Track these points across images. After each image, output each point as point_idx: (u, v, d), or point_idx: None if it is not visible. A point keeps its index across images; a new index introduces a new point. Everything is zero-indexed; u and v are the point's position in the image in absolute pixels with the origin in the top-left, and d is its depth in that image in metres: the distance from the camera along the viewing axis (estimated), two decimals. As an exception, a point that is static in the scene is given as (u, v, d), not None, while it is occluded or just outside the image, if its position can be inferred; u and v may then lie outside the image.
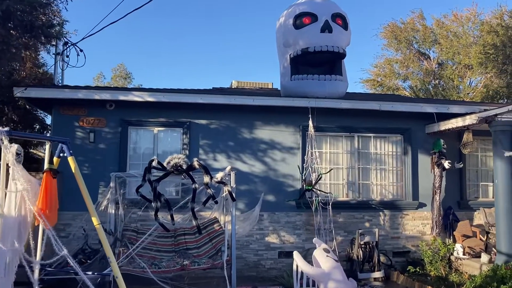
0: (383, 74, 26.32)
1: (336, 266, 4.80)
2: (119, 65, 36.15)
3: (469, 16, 22.05)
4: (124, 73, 36.64)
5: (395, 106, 9.18)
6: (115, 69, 36.17)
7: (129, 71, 35.93)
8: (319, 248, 5.02)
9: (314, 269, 4.81)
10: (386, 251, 9.27)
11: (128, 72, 36.19)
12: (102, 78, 35.54)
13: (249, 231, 8.76)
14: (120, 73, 36.65)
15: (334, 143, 9.59)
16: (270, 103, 8.94)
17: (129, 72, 36.00)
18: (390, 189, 9.69)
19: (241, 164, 9.11)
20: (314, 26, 9.10)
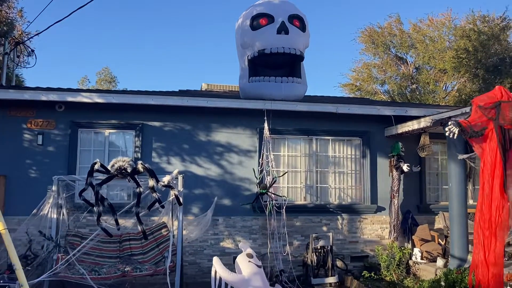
0: (361, 79, 26.37)
1: (257, 272, 4.63)
2: (104, 68, 35.90)
3: (444, 21, 22.19)
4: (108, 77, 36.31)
5: (352, 108, 9.07)
6: (99, 73, 35.87)
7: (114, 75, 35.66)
8: (242, 254, 4.85)
9: (233, 275, 4.64)
10: (344, 255, 9.14)
11: (113, 75, 35.90)
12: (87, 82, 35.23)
13: (202, 236, 8.58)
14: (105, 76, 36.32)
15: (292, 146, 9.46)
16: (224, 105, 8.78)
17: (114, 76, 35.73)
18: (349, 192, 9.58)
19: (196, 168, 8.92)
20: (271, 28, 8.98)
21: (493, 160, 4.48)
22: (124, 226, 7.79)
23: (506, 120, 4.44)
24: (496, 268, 4.34)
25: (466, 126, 4.62)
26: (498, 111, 4.45)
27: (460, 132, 4.72)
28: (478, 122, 4.58)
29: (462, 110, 8.14)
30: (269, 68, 9.34)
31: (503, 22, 20.20)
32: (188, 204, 8.75)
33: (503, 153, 4.50)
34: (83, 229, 8.07)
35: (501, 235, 4.40)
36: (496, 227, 4.38)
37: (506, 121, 4.45)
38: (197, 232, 8.32)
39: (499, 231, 4.39)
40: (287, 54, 8.87)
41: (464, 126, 4.63)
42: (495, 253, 4.34)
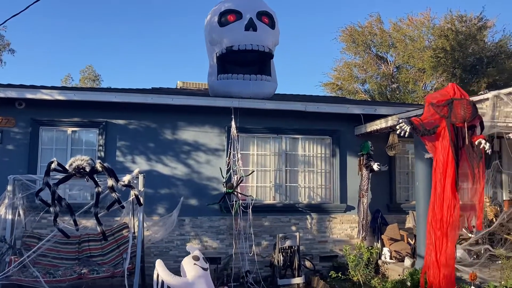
0: (342, 78, 26.37)
1: (202, 275, 4.49)
2: (88, 66, 35.46)
3: (423, 21, 22.27)
4: (92, 75, 35.82)
5: (320, 107, 8.97)
6: (83, 71, 35.39)
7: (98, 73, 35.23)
8: (188, 256, 4.71)
9: (176, 278, 4.49)
10: (313, 255, 9.04)
11: (97, 74, 35.46)
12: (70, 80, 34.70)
13: (167, 237, 8.42)
14: (89, 75, 35.83)
15: (262, 145, 9.32)
16: (190, 102, 8.61)
17: (98, 74, 35.29)
18: (318, 191, 9.47)
19: (162, 167, 8.73)
20: (239, 24, 8.83)
21: (445, 158, 4.40)
22: (84, 226, 7.58)
23: (458, 118, 4.36)
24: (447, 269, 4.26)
25: (418, 124, 4.53)
26: (451, 109, 4.37)
27: (411, 130, 4.63)
28: (430, 120, 4.49)
29: (429, 108, 8.11)
30: (239, 66, 9.20)
31: (480, 22, 20.34)
32: (153, 204, 8.58)
33: (455, 152, 4.42)
34: (44, 230, 7.84)
35: (452, 235, 4.32)
36: (447, 227, 4.30)
37: (458, 119, 4.37)
38: (162, 232, 8.15)
39: (450, 231, 4.31)
40: (255, 51, 8.72)
41: (416, 124, 4.54)
42: (447, 253, 4.26)
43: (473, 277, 7.26)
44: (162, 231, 8.15)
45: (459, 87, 4.64)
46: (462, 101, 4.37)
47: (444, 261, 4.23)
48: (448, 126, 4.40)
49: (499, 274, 7.78)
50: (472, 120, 4.41)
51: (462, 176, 4.63)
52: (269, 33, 9.03)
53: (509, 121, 8.27)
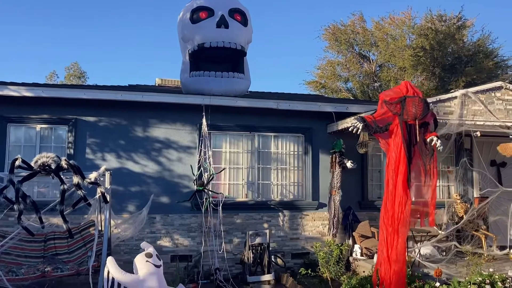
0: (326, 76, 26.46)
1: (154, 272, 4.48)
2: (73, 63, 34.99)
3: (404, 20, 22.43)
4: (78, 72, 35.42)
5: (292, 105, 8.99)
6: (68, 68, 35.00)
7: (83, 70, 34.85)
8: (141, 253, 4.69)
9: (126, 276, 4.47)
10: (284, 252, 9.08)
11: (83, 71, 35.10)
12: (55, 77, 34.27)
13: (138, 235, 8.37)
14: (74, 71, 35.41)
15: (234, 142, 9.32)
16: (161, 99, 8.57)
17: (84, 71, 34.93)
18: (291, 189, 9.51)
19: (133, 164, 8.68)
20: (210, 21, 8.82)
21: (398, 156, 4.44)
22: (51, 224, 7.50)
23: (410, 115, 4.40)
24: (398, 265, 4.30)
25: (371, 122, 4.56)
26: (403, 106, 4.41)
27: (364, 128, 4.66)
28: (384, 117, 4.53)
29: (398, 106, 8.18)
30: (212, 63, 9.19)
31: (459, 22, 20.56)
32: (124, 202, 8.53)
33: (408, 149, 4.47)
34: (10, 228, 7.73)
35: (403, 231, 4.37)
36: (398, 223, 4.35)
37: (409, 116, 4.41)
38: (131, 230, 8.11)
39: (401, 228, 4.36)
40: (227, 48, 8.72)
41: (369, 121, 4.58)
42: (397, 250, 4.30)
43: (438, 273, 7.36)
44: (131, 229, 8.12)
45: (412, 85, 4.69)
46: (414, 98, 4.41)
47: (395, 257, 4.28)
48: (400, 124, 4.44)
49: (465, 270, 7.90)
50: (423, 117, 4.45)
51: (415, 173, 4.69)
52: (242, 31, 9.02)
53: (477, 119, 8.41)
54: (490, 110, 8.41)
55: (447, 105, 8.26)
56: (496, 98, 8.53)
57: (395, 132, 4.46)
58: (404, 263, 4.33)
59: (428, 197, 4.73)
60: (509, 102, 8.53)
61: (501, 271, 7.70)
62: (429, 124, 4.65)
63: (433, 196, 4.73)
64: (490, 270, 7.54)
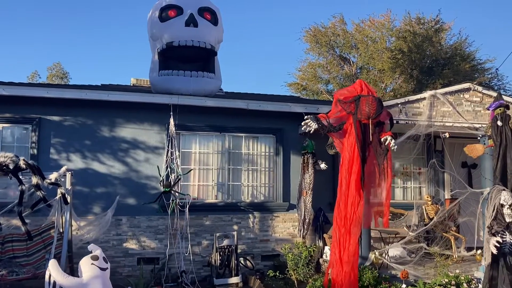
0: (307, 78, 26.47)
1: (98, 275, 4.33)
2: (55, 64, 34.44)
3: (384, 22, 22.56)
4: (60, 72, 34.88)
5: (263, 105, 8.90)
6: (51, 68, 34.46)
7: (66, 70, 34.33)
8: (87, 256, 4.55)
9: (69, 279, 4.32)
10: (254, 254, 8.97)
11: (65, 71, 34.59)
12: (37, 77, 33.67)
13: (103, 237, 8.20)
14: (57, 72, 34.86)
15: (204, 143, 9.18)
16: (127, 99, 8.40)
17: (66, 71, 34.42)
18: (262, 190, 9.41)
19: (98, 165, 8.48)
20: (179, 20, 8.68)
21: (351, 155, 4.37)
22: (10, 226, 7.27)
23: (363, 114, 4.34)
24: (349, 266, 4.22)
25: (325, 121, 4.49)
26: (357, 105, 4.34)
27: (318, 127, 4.59)
28: (338, 116, 4.47)
29: (366, 107, 8.15)
30: (181, 62, 9.03)
31: (437, 25, 20.74)
32: (89, 203, 8.34)
33: (362, 149, 4.40)
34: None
35: (355, 232, 4.29)
36: (351, 224, 4.27)
37: (363, 116, 4.35)
38: (95, 232, 7.92)
39: (353, 228, 4.29)
40: (196, 47, 8.59)
41: (322, 120, 4.51)
42: (349, 251, 4.22)
43: (404, 275, 7.33)
44: (95, 230, 7.92)
45: (367, 84, 4.63)
46: (368, 97, 4.34)
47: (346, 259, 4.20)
48: (354, 123, 4.37)
49: (433, 272, 7.90)
50: (377, 116, 4.39)
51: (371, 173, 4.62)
52: (211, 30, 8.90)
53: (446, 120, 8.43)
54: (459, 111, 8.43)
55: (415, 106, 8.26)
56: (464, 99, 8.56)
57: (349, 132, 4.40)
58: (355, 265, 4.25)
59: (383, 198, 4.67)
60: (477, 103, 8.56)
61: (467, 272, 7.72)
62: (384, 123, 4.59)
63: (387, 197, 4.66)
64: (456, 272, 7.55)
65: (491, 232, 4.99)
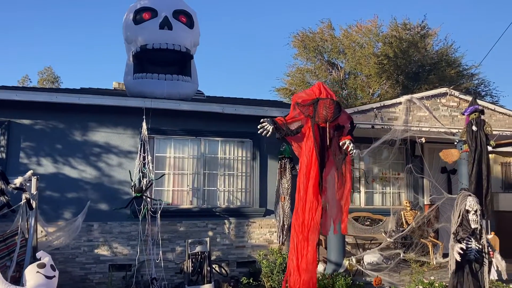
0: (296, 83, 26.42)
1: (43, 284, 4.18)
2: (46, 68, 34.25)
3: (371, 28, 22.59)
4: (51, 77, 34.65)
5: (238, 109, 8.78)
6: (41, 72, 34.27)
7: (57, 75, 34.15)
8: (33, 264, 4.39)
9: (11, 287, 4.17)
10: (229, 261, 8.81)
11: (56, 75, 34.40)
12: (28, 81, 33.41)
13: (74, 243, 8.03)
14: (48, 76, 34.63)
15: (180, 147, 9.04)
16: (99, 102, 8.25)
17: (57, 75, 34.22)
18: (238, 195, 9.27)
19: (70, 169, 8.30)
20: (153, 22, 8.56)
21: (309, 160, 4.26)
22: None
23: (321, 117, 4.23)
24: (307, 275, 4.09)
25: (282, 124, 4.38)
26: (315, 108, 4.24)
27: (274, 130, 4.48)
28: (296, 119, 4.36)
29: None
30: (157, 65, 8.91)
31: (423, 30, 20.79)
32: (59, 209, 8.16)
33: (320, 153, 4.29)
34: None
35: (312, 238, 4.17)
36: (308, 230, 4.15)
37: (320, 119, 4.24)
38: (64, 238, 7.74)
39: (311, 235, 4.16)
40: (170, 50, 8.48)
41: (280, 123, 4.40)
42: (307, 258, 4.09)
43: (377, 282, 7.23)
44: (65, 236, 7.74)
45: (326, 87, 4.53)
46: (326, 100, 4.24)
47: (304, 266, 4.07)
48: (312, 127, 4.27)
49: (408, 278, 7.80)
50: (334, 120, 4.29)
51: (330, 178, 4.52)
52: (187, 33, 8.79)
53: (422, 125, 8.36)
54: (435, 116, 8.36)
55: (391, 110, 8.19)
56: (441, 104, 8.50)
57: (307, 135, 4.29)
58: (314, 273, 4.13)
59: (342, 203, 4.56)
60: (454, 108, 8.50)
61: (443, 279, 7.63)
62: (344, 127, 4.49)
63: (346, 202, 4.55)
64: (431, 278, 7.46)
65: (456, 239, 4.89)
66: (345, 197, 4.51)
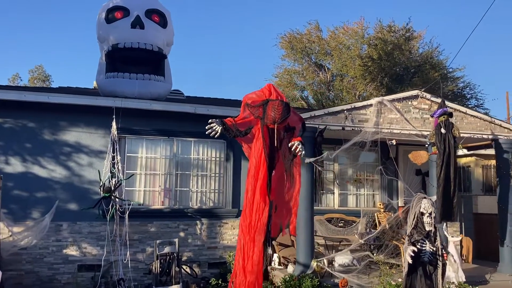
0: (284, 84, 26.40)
1: None
2: (37, 66, 34.01)
3: (357, 30, 22.62)
4: (42, 75, 34.43)
5: (211, 109, 8.75)
6: (32, 71, 34.04)
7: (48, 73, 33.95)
8: None
9: None
10: (200, 262, 8.79)
11: (47, 74, 34.19)
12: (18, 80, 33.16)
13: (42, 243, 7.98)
14: (39, 75, 34.42)
15: (152, 148, 8.99)
16: (69, 101, 8.20)
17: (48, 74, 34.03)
18: (211, 196, 9.24)
19: (39, 169, 8.24)
20: (125, 21, 8.54)
21: (258, 161, 4.24)
22: None
23: (269, 119, 4.22)
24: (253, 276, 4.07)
25: (231, 125, 4.36)
26: (265, 109, 4.22)
27: (223, 131, 4.46)
28: (246, 120, 4.34)
29: (311, 113, 8.07)
30: (130, 65, 8.87)
31: (408, 33, 20.85)
32: (28, 208, 8.10)
33: (270, 154, 4.28)
34: None
35: (259, 239, 4.15)
36: (255, 232, 4.14)
37: (268, 120, 4.23)
38: (32, 238, 7.69)
39: (257, 236, 4.15)
40: (142, 49, 8.44)
41: (229, 124, 4.37)
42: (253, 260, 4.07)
43: (343, 284, 7.21)
44: (32, 236, 7.69)
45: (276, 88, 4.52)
46: (275, 102, 4.23)
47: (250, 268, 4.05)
48: (262, 128, 4.26)
49: (377, 280, 7.78)
50: (282, 121, 4.27)
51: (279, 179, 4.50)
52: (159, 32, 8.75)
53: (393, 127, 8.36)
54: (407, 118, 8.38)
55: (362, 112, 8.19)
56: (413, 106, 8.51)
57: (257, 136, 4.27)
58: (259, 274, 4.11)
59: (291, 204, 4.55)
60: (425, 110, 8.52)
61: (411, 281, 7.61)
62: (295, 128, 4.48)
63: (295, 203, 4.54)
64: (399, 280, 7.45)
65: (411, 241, 4.89)
66: (294, 199, 4.50)
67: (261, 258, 3.95)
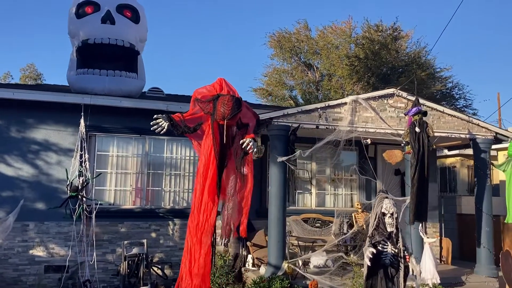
0: (273, 84, 26.24)
1: None
2: (29, 65, 33.65)
3: (345, 29, 22.49)
4: (34, 74, 34.08)
5: (184, 107, 8.51)
6: (24, 69, 33.68)
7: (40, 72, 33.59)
8: None
9: None
10: (172, 263, 8.58)
11: (39, 72, 33.86)
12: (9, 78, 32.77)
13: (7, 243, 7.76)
14: (30, 73, 34.06)
15: (123, 146, 8.79)
16: (36, 98, 8.00)
17: (40, 72, 33.69)
18: (185, 196, 9.05)
19: (5, 167, 8.03)
20: (95, 16, 8.34)
21: (207, 159, 4.07)
22: None
23: (218, 115, 4.04)
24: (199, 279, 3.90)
25: (179, 121, 4.18)
26: (215, 105, 4.05)
27: (170, 127, 4.27)
28: (195, 116, 4.16)
29: (284, 111, 7.90)
30: (102, 61, 8.65)
31: (395, 32, 20.74)
32: (-8, 208, 7.86)
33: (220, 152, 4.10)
34: None
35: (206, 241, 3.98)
36: (202, 233, 3.97)
37: (218, 116, 4.05)
38: (-6, 238, 7.45)
39: (204, 237, 3.98)
40: (112, 45, 8.24)
41: (176, 120, 4.19)
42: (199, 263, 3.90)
43: (313, 285, 7.05)
44: (-6, 236, 7.46)
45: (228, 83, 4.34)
46: (225, 97, 4.05)
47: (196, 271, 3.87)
48: (212, 124, 4.08)
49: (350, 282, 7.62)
50: (232, 117, 4.09)
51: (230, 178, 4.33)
52: (131, 28, 8.55)
53: (369, 126, 8.20)
54: (382, 117, 8.23)
55: (337, 111, 8.02)
56: (388, 105, 8.36)
57: (207, 133, 4.09)
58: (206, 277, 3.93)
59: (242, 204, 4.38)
60: (401, 109, 8.37)
61: (385, 283, 7.46)
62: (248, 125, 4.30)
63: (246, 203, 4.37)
64: (371, 282, 7.27)
65: (371, 242, 4.73)
66: (246, 198, 4.34)
67: (208, 261, 3.78)
